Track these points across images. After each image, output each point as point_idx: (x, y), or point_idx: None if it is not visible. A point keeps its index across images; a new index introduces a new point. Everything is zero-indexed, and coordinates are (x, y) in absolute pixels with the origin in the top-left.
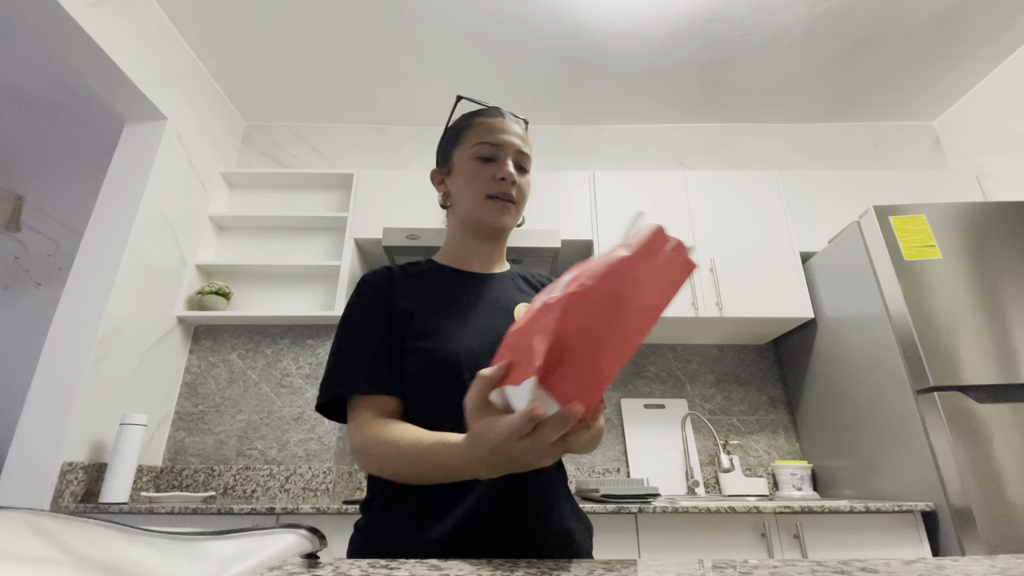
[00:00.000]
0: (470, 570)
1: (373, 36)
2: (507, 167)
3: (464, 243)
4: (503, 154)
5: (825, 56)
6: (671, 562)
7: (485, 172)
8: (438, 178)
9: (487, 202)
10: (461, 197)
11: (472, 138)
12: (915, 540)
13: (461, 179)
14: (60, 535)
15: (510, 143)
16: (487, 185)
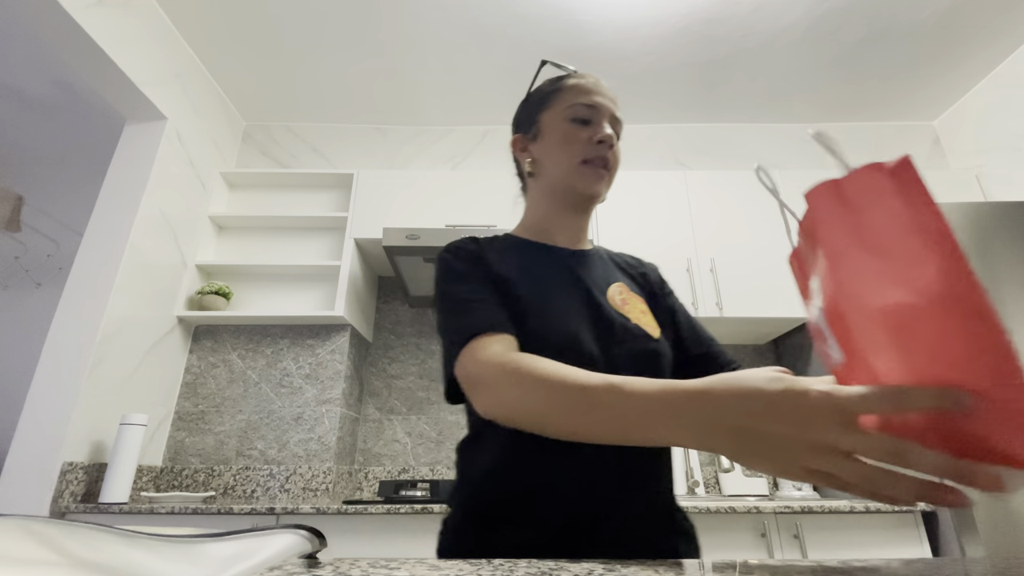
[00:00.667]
0: (470, 570)
1: (373, 36)
2: (605, 128)
3: (550, 215)
4: (599, 116)
5: (825, 56)
6: (671, 562)
7: (581, 134)
8: (521, 144)
9: (582, 168)
10: (552, 163)
11: (565, 99)
12: (915, 540)
13: (553, 142)
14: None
15: (606, 106)
16: (583, 148)
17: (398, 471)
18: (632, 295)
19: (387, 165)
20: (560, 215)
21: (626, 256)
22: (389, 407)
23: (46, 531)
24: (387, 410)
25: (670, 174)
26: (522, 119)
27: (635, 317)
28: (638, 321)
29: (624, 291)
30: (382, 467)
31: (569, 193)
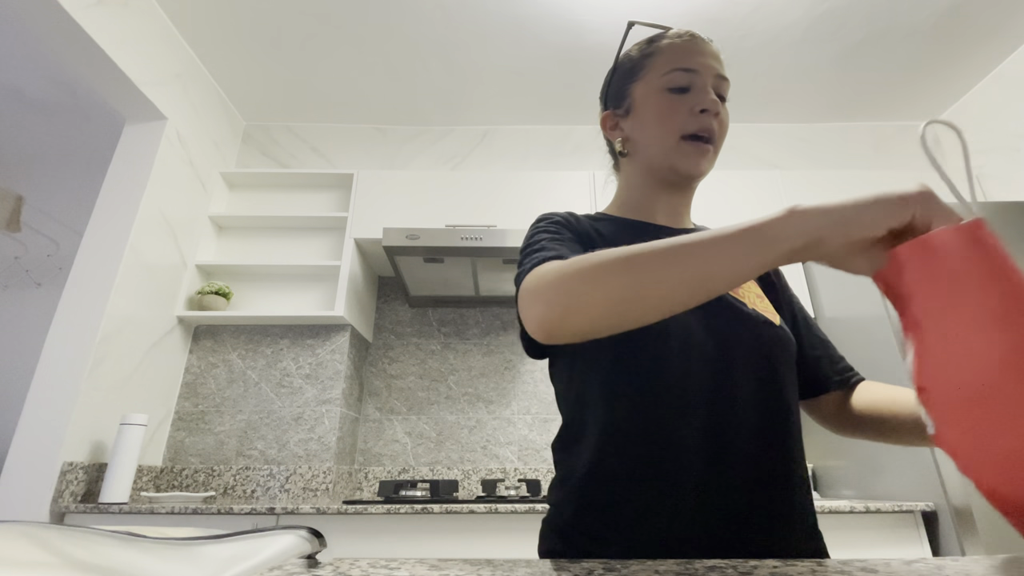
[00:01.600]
0: (471, 570)
1: (373, 36)
2: (709, 94)
3: (646, 193)
4: (701, 81)
5: (825, 56)
6: (671, 562)
7: (681, 106)
8: (611, 122)
9: (683, 145)
10: (648, 140)
11: (660, 66)
12: (915, 540)
13: (649, 117)
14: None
15: (708, 66)
16: (684, 122)
17: (398, 471)
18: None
19: (387, 165)
20: (659, 194)
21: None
22: (389, 407)
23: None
24: (387, 410)
25: None
26: (611, 93)
27: (751, 302)
28: (755, 306)
29: None
30: (382, 467)
31: (670, 172)
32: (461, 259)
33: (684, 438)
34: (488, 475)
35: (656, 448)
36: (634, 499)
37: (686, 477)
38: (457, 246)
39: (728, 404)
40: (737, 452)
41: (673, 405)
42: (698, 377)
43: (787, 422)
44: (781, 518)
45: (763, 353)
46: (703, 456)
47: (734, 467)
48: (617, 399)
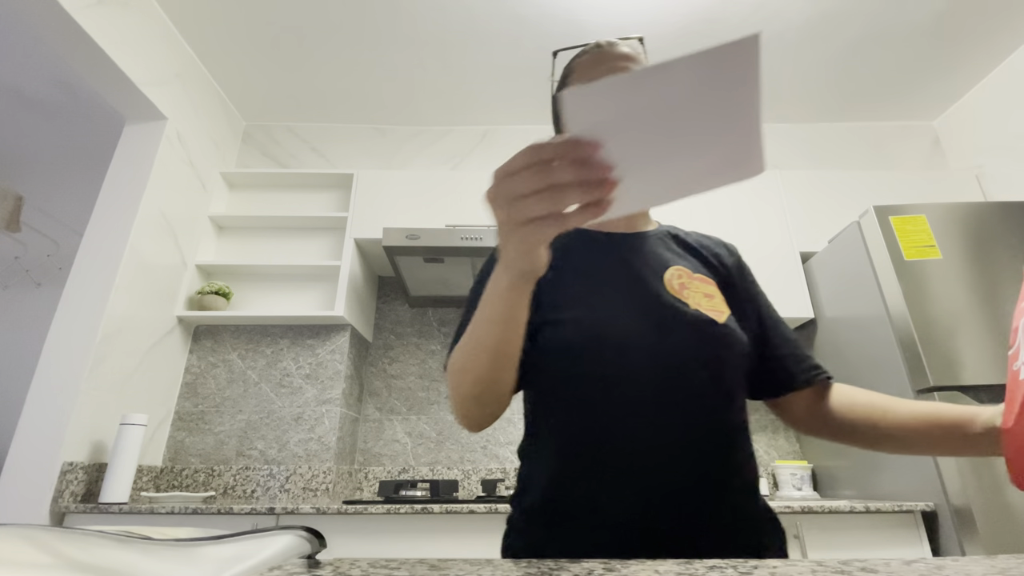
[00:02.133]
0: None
1: (373, 36)
2: None
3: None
4: None
5: (825, 56)
6: (671, 562)
7: None
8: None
9: None
10: None
11: (573, 83)
12: (915, 540)
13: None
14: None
15: (613, 69)
16: None
17: (398, 471)
18: (695, 278)
19: (387, 165)
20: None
21: (699, 235)
22: (389, 407)
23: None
24: (387, 410)
25: None
26: (553, 121)
27: (695, 302)
28: (698, 306)
29: (684, 274)
30: (382, 467)
31: None
32: (461, 259)
33: (629, 441)
34: (488, 475)
35: (603, 452)
36: (585, 502)
37: (632, 478)
38: (457, 246)
39: (671, 402)
40: (681, 449)
41: (616, 410)
42: (639, 379)
43: (730, 416)
44: (723, 515)
45: (704, 351)
46: (649, 455)
47: (679, 464)
48: (566, 407)
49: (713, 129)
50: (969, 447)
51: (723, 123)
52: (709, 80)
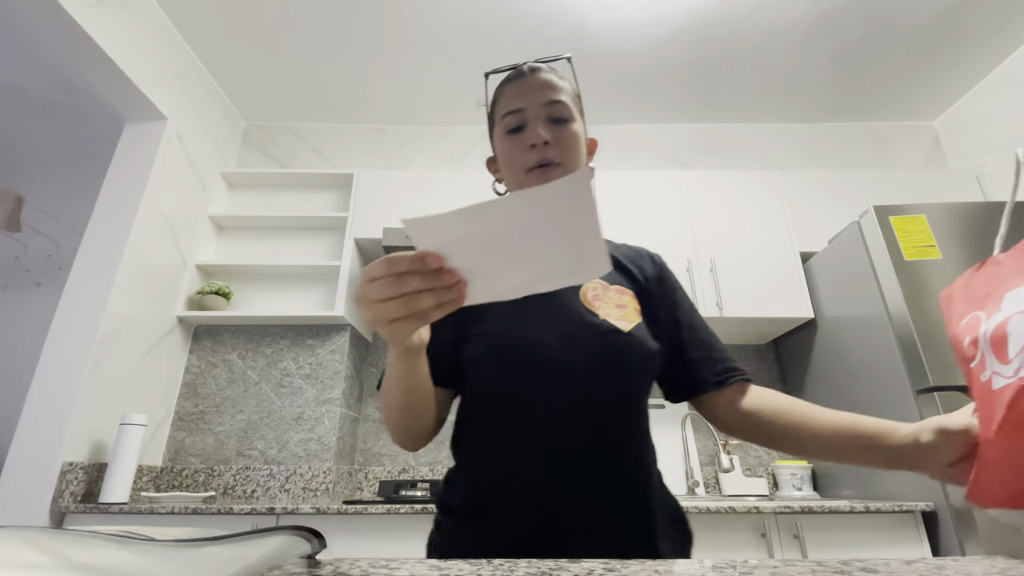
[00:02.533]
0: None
1: (373, 36)
2: (536, 130)
3: None
4: (529, 116)
5: (825, 56)
6: (671, 562)
7: (517, 145)
8: (492, 167)
9: (528, 176)
10: (507, 180)
11: (499, 113)
12: (915, 540)
13: (502, 160)
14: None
15: (534, 100)
16: (523, 158)
17: (398, 471)
18: (610, 289)
19: (387, 165)
20: None
21: (627, 248)
22: None
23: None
24: None
25: (670, 174)
26: (491, 143)
27: (605, 312)
28: (607, 316)
29: (600, 286)
30: (382, 467)
31: None
32: None
33: (536, 448)
34: None
35: (510, 453)
36: (492, 502)
37: (538, 483)
38: None
39: (575, 408)
40: (584, 453)
41: (524, 414)
42: (546, 389)
43: (627, 419)
44: (618, 513)
45: (607, 357)
46: (554, 461)
47: (582, 467)
48: (482, 416)
49: (555, 243)
50: (886, 460)
51: (564, 238)
52: (546, 209)
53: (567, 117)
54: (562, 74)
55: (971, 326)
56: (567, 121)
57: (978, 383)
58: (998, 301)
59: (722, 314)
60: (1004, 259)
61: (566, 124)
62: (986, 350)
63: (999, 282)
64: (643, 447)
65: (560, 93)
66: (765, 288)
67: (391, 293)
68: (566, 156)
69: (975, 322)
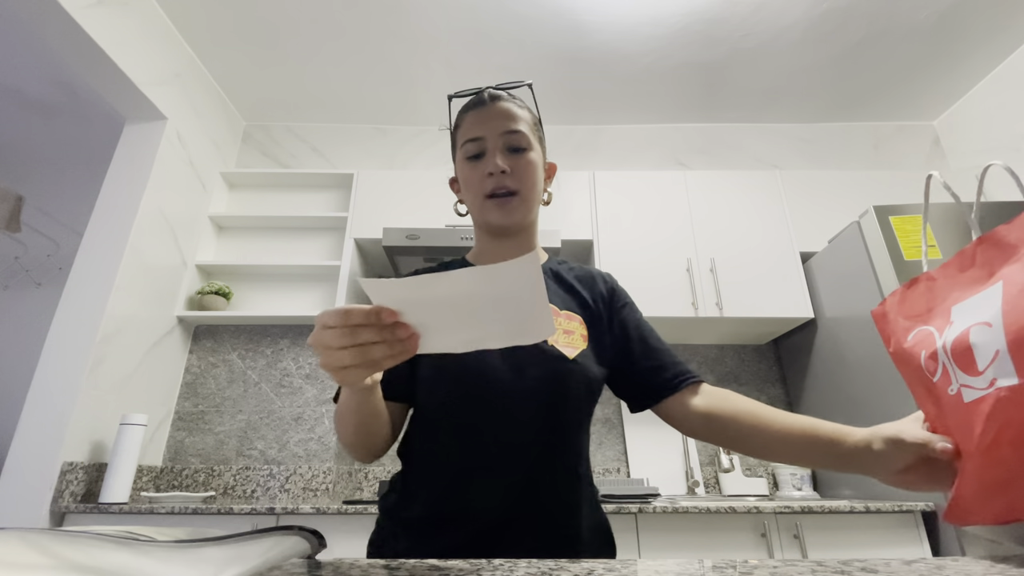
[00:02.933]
0: (470, 569)
1: (373, 36)
2: (493, 159)
3: (486, 244)
4: (487, 144)
5: (825, 56)
6: (671, 562)
7: (477, 172)
8: (455, 188)
9: (487, 203)
10: (468, 203)
11: (460, 139)
12: (915, 540)
13: (463, 184)
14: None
15: (493, 129)
16: (482, 185)
17: (398, 471)
18: (560, 315)
19: (387, 165)
20: (493, 242)
21: (578, 270)
22: None
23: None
24: None
25: (670, 174)
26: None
27: (553, 339)
28: (555, 342)
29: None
30: (382, 467)
31: (486, 225)
32: None
33: (475, 459)
34: None
35: (456, 473)
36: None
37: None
38: (457, 246)
39: (514, 426)
40: (519, 474)
41: (468, 435)
42: (492, 405)
43: (567, 443)
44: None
45: (553, 385)
46: (492, 478)
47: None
48: (430, 427)
49: (503, 311)
50: (839, 463)
51: (511, 308)
52: (496, 284)
53: (524, 147)
54: (522, 102)
55: (923, 341)
56: (524, 151)
57: (945, 396)
58: (946, 315)
59: (722, 314)
60: (937, 275)
61: (523, 153)
62: (948, 364)
63: (940, 297)
64: (582, 470)
65: (518, 123)
66: (765, 288)
67: (345, 343)
68: (523, 184)
69: (927, 337)
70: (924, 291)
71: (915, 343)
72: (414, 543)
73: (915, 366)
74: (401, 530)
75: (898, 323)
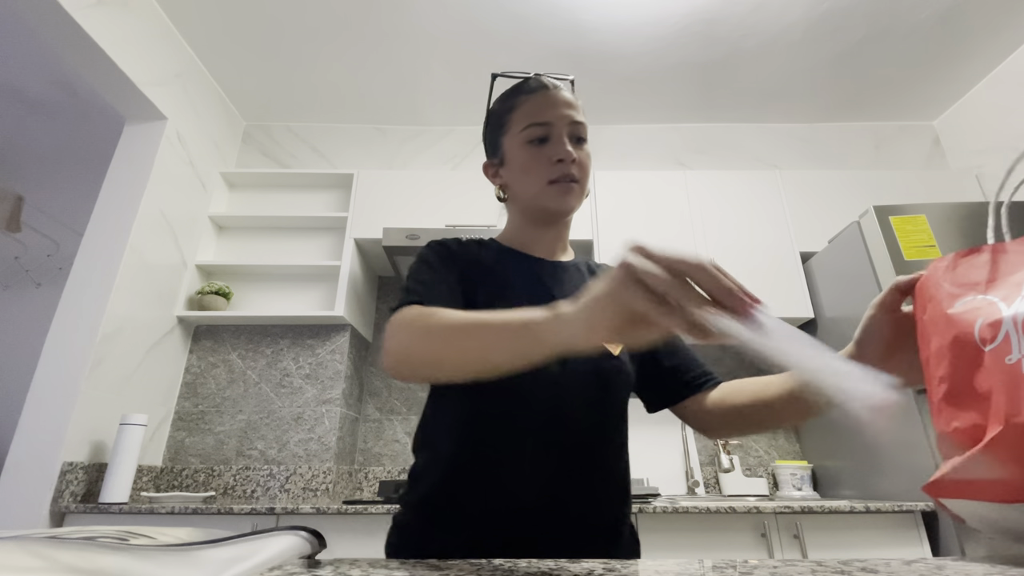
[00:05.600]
0: (470, 569)
1: (373, 36)
2: (564, 146)
3: (525, 231)
4: (556, 131)
5: (825, 56)
6: (671, 562)
7: (541, 156)
8: (491, 171)
9: (549, 188)
10: (519, 187)
11: (519, 121)
12: (915, 540)
13: (517, 168)
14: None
15: (562, 116)
16: (546, 170)
17: (398, 471)
18: None
19: (387, 165)
20: (536, 231)
21: (604, 267)
22: (389, 407)
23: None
24: (387, 410)
25: (670, 174)
26: (487, 144)
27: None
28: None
29: None
30: (382, 467)
31: (542, 213)
32: None
33: (521, 454)
34: None
35: (490, 461)
36: (467, 505)
37: (513, 487)
38: None
39: (561, 424)
40: (564, 465)
41: (509, 425)
42: (539, 400)
43: (606, 440)
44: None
45: (597, 381)
46: (532, 469)
47: (559, 479)
48: (463, 415)
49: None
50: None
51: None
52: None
53: (585, 138)
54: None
55: (981, 309)
56: (584, 142)
57: (999, 364)
58: (1018, 286)
59: None
60: (1010, 248)
61: (584, 145)
62: (1015, 333)
63: (1010, 269)
64: (625, 465)
65: (580, 114)
66: (765, 288)
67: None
68: (583, 176)
69: (987, 305)
70: (986, 261)
71: (967, 310)
72: (448, 538)
73: (959, 333)
74: (433, 526)
75: (942, 288)
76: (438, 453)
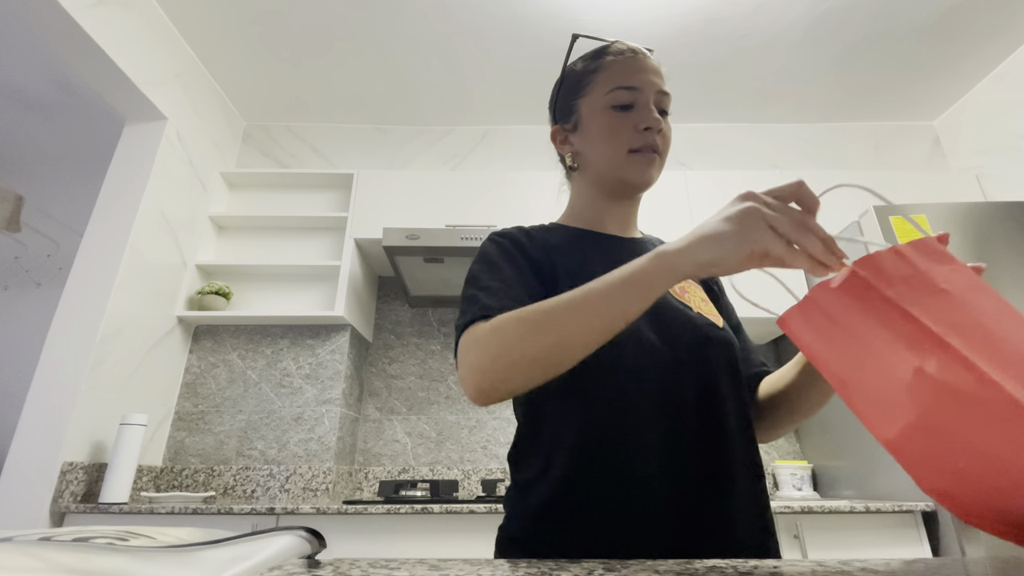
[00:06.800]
0: (470, 570)
1: (373, 36)
2: (652, 113)
3: (596, 204)
4: (643, 98)
5: (825, 56)
6: (671, 562)
7: (625, 123)
8: (560, 136)
9: (631, 157)
10: (596, 155)
11: (604, 83)
12: (915, 540)
13: (596, 134)
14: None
15: (651, 83)
16: (629, 138)
17: (398, 471)
18: (691, 284)
19: (387, 165)
20: (609, 204)
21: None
22: (389, 407)
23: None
24: (387, 410)
25: (670, 174)
26: (559, 107)
27: (696, 305)
28: (700, 309)
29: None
30: (382, 467)
31: (619, 184)
32: (461, 259)
33: (639, 441)
34: (488, 475)
35: (612, 453)
36: (594, 505)
37: (642, 480)
38: (457, 246)
39: (677, 405)
40: (685, 451)
41: (627, 410)
42: (651, 381)
43: (726, 418)
44: (724, 515)
45: (708, 354)
46: (656, 457)
47: (683, 467)
48: (574, 408)
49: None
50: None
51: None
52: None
53: (668, 111)
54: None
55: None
56: (666, 114)
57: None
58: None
59: None
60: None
61: (666, 117)
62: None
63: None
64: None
65: (666, 84)
66: (765, 288)
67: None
68: (665, 148)
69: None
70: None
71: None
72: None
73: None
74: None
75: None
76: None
